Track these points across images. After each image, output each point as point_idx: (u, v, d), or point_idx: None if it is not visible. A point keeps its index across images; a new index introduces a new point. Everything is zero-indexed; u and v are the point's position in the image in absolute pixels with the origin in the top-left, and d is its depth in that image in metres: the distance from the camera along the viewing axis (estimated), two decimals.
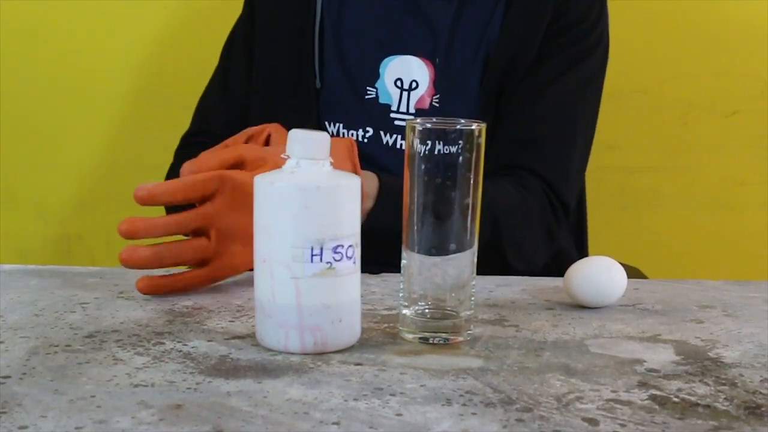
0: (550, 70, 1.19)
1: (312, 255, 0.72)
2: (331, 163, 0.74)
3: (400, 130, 1.18)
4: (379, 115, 1.19)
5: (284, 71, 1.22)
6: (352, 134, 1.19)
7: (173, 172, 1.17)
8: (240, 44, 1.27)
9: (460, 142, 0.74)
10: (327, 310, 0.73)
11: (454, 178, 0.75)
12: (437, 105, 1.18)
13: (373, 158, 1.16)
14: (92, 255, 1.80)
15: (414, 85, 1.19)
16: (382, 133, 1.19)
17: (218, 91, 1.28)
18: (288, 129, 0.76)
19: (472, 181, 0.75)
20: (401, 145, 1.17)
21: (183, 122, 1.28)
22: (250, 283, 0.80)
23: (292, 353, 0.73)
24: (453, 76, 1.19)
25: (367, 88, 1.20)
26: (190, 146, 1.24)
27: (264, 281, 0.74)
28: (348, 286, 0.74)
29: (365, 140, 1.19)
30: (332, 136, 1.17)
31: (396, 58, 1.20)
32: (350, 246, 0.73)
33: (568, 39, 1.20)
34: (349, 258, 0.73)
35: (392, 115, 1.19)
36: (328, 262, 0.72)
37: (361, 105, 1.20)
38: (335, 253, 0.72)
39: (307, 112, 1.19)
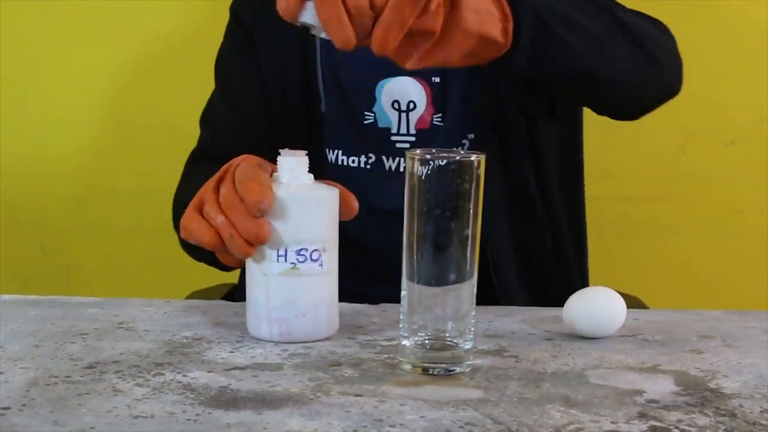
0: None
1: (278, 255, 0.81)
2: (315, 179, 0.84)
3: (402, 153, 1.17)
4: (380, 140, 1.18)
5: (288, 98, 1.21)
6: (353, 161, 1.18)
7: (184, 191, 1.14)
8: (237, 63, 1.25)
9: (460, 173, 0.74)
10: (290, 306, 0.82)
11: (454, 209, 0.75)
12: (440, 123, 1.17)
13: (377, 184, 1.16)
14: (92, 285, 1.80)
15: (412, 105, 1.18)
16: (384, 158, 1.18)
17: (222, 109, 1.26)
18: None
19: (471, 212, 0.75)
20: (404, 168, 1.16)
21: (187, 148, 1.27)
22: None
23: (265, 341, 0.83)
24: (450, 92, 1.17)
25: (365, 113, 1.19)
26: (199, 161, 1.24)
27: (249, 277, 0.84)
28: (312, 286, 0.82)
29: (368, 166, 1.18)
30: (331, 163, 1.19)
31: (390, 80, 1.18)
32: (315, 250, 0.81)
33: None
34: (314, 261, 0.81)
35: (393, 138, 1.18)
36: (292, 263, 0.81)
37: (360, 131, 1.18)
38: (299, 255, 0.81)
39: (310, 140, 1.18)
